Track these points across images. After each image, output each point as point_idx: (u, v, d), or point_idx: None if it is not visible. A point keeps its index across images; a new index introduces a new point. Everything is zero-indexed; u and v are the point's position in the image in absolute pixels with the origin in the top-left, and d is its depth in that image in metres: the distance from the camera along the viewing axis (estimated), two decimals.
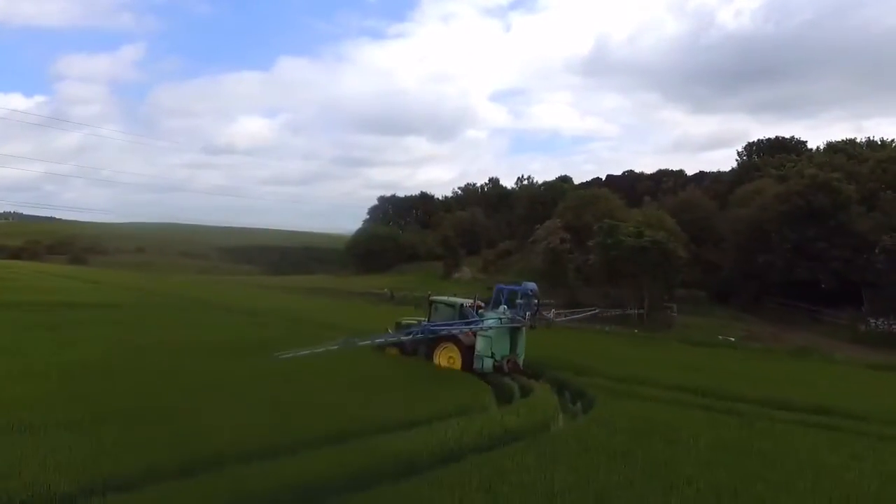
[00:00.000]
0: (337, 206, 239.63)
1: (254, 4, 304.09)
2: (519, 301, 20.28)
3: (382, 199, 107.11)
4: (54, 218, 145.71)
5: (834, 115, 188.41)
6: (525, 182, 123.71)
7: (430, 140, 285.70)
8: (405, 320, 22.72)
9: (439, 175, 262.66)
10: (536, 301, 20.54)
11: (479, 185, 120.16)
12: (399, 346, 21.02)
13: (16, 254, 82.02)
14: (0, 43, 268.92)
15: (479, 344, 19.79)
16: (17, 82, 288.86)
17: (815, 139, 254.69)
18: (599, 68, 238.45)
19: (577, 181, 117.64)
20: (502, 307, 20.22)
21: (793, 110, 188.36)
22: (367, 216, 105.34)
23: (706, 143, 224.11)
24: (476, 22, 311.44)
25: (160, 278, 69.89)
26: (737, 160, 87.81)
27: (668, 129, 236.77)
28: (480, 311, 20.78)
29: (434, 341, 20.36)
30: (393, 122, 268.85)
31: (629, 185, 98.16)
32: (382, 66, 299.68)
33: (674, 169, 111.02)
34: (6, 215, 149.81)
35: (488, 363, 19.64)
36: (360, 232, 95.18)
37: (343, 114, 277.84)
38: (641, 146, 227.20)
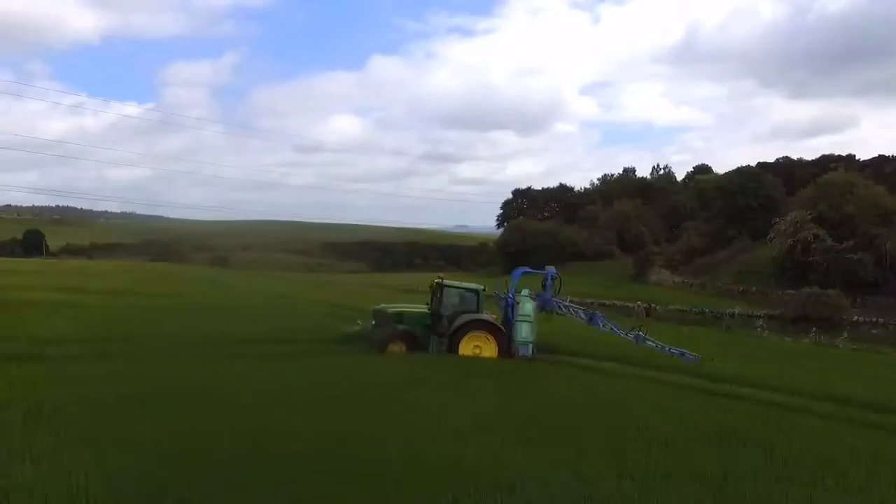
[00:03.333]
0: (427, 202, 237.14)
1: (347, 8, 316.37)
2: (548, 284, 19.56)
3: (516, 193, 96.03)
4: (163, 217, 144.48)
5: None
6: (662, 172, 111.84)
7: (518, 134, 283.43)
8: (391, 308, 19.70)
9: (528, 169, 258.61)
10: (559, 285, 19.93)
11: (614, 174, 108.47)
12: (406, 339, 18.23)
13: (163, 254, 74.94)
14: (117, 55, 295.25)
15: (524, 329, 18.41)
16: (131, 92, 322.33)
17: None
18: (690, 57, 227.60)
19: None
20: (525, 291, 19.05)
21: None
22: (501, 210, 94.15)
23: (809, 129, 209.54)
24: (564, 15, 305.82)
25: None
26: None
27: (766, 117, 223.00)
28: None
29: (459, 329, 18.03)
30: (481, 118, 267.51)
31: (786, 173, 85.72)
32: (471, 63, 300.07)
33: (840, 154, 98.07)
34: (123, 215, 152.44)
35: (530, 349, 18.43)
36: (510, 228, 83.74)
37: (431, 110, 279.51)
38: (737, 135, 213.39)
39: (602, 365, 18.00)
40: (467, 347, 17.96)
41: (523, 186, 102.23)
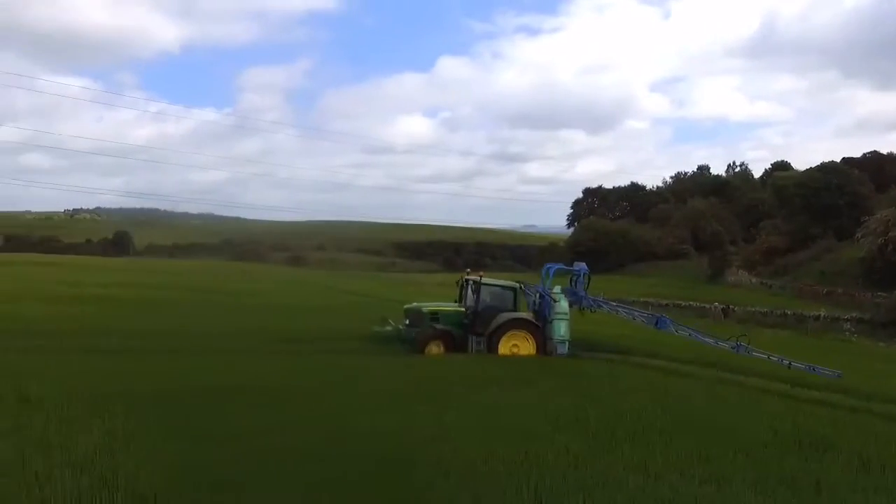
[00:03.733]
0: (495, 202, 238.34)
1: (416, 11, 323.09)
2: (579, 281, 19.38)
3: (587, 192, 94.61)
4: (240, 217, 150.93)
5: None
6: (738, 169, 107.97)
7: (587, 133, 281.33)
8: (426, 307, 18.96)
9: (598, 168, 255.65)
10: (587, 282, 19.53)
11: (688, 172, 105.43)
12: (444, 339, 17.76)
13: (241, 254, 80.00)
14: (196, 63, 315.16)
15: (562, 328, 18.22)
16: (209, 98, 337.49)
17: None
18: (767, 49, 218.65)
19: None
20: (557, 287, 18.86)
21: None
22: (571, 210, 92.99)
23: None
24: (633, 10, 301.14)
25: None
26: None
27: (850, 109, 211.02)
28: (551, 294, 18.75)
29: (498, 328, 17.78)
30: (549, 116, 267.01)
31: (875, 168, 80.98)
32: (538, 61, 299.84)
33: None
34: (201, 216, 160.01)
35: (567, 347, 18.20)
36: (581, 227, 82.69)
37: (499, 110, 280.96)
38: (819, 130, 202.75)
39: (676, 366, 17.45)
40: (505, 346, 17.75)
41: (593, 185, 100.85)
